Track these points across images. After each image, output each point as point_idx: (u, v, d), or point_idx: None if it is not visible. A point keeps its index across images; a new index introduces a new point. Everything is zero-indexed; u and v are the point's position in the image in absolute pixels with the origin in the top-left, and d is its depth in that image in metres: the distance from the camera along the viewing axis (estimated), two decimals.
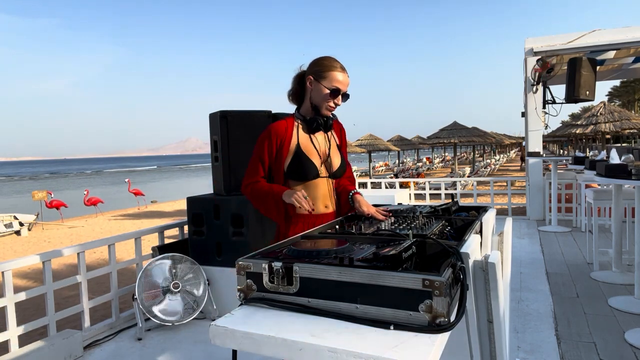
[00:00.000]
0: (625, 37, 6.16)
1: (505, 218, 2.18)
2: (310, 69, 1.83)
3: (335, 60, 1.82)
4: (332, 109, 1.85)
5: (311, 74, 1.81)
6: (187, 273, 3.36)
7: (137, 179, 48.82)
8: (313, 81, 1.80)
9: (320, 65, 1.80)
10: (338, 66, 1.80)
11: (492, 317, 1.14)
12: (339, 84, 1.80)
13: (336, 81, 1.79)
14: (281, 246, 1.27)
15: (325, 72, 1.78)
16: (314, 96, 1.82)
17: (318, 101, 1.82)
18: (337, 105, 1.85)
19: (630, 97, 53.13)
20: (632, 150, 4.31)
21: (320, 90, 1.79)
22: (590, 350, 2.70)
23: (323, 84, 1.78)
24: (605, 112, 15.77)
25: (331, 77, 1.78)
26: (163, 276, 3.27)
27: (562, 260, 4.73)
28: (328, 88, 1.78)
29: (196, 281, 3.37)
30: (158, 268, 3.28)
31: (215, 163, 3.55)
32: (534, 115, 6.85)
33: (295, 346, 0.86)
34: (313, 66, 1.82)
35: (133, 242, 3.56)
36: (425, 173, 26.19)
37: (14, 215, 13.97)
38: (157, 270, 3.27)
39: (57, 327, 2.98)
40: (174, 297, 3.25)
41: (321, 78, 1.78)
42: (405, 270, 0.95)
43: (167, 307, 3.21)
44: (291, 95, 1.90)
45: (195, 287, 3.36)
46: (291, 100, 1.92)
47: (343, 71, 1.81)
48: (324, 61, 1.80)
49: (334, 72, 1.78)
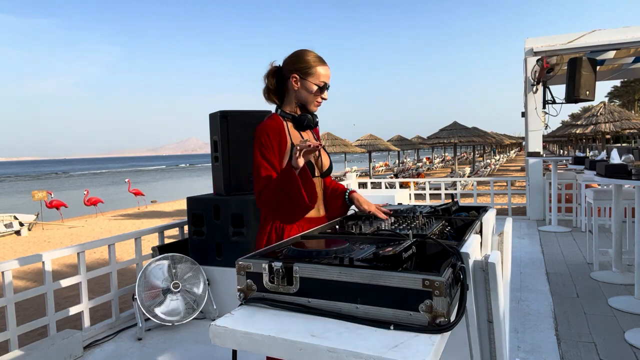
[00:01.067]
0: (625, 37, 6.16)
1: (505, 218, 2.17)
2: (292, 66, 1.76)
3: (315, 54, 1.78)
4: (320, 104, 1.83)
5: (295, 72, 1.75)
6: (187, 273, 3.36)
7: (137, 179, 48.83)
8: (299, 79, 1.75)
9: (304, 62, 1.75)
10: (321, 60, 1.77)
11: (492, 317, 1.13)
12: (325, 78, 1.77)
13: (322, 76, 1.76)
14: (281, 246, 1.27)
15: (311, 69, 1.74)
16: (301, 94, 1.77)
17: (306, 98, 1.78)
18: (324, 99, 1.82)
19: (630, 97, 53.13)
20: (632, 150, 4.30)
21: (308, 88, 1.75)
22: (590, 350, 2.70)
23: (310, 81, 1.75)
24: (605, 112, 15.77)
25: (317, 72, 1.75)
26: (163, 276, 3.27)
27: (562, 260, 4.73)
28: (316, 84, 1.76)
29: (196, 281, 3.37)
30: (158, 268, 3.28)
31: (215, 163, 3.55)
32: (534, 115, 6.85)
33: (295, 346, 0.86)
34: (295, 63, 1.76)
35: (133, 242, 3.56)
36: (425, 173, 26.19)
37: (14, 215, 13.98)
38: (157, 270, 3.27)
39: (57, 327, 2.98)
40: (174, 297, 3.26)
41: (307, 75, 1.74)
42: (405, 270, 0.95)
43: (167, 307, 3.21)
44: (269, 93, 1.82)
45: (195, 287, 3.36)
46: (269, 98, 1.84)
47: (325, 64, 1.78)
48: (306, 57, 1.76)
49: (318, 67, 1.75)
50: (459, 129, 18.54)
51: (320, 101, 1.81)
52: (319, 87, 1.76)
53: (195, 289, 3.35)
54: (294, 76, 1.75)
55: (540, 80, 6.55)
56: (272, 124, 1.74)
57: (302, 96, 1.78)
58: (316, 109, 1.82)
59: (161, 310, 3.18)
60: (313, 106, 1.81)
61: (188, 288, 3.33)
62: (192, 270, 3.38)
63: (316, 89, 1.76)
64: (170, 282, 3.25)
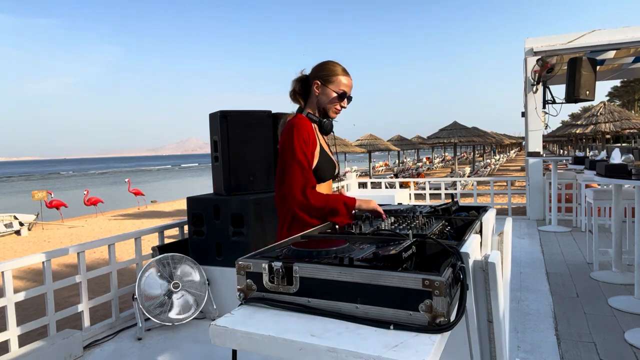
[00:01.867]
0: (625, 37, 6.16)
1: (505, 218, 2.17)
2: (316, 73, 1.89)
3: (339, 64, 1.90)
4: (339, 112, 1.93)
5: (318, 79, 1.87)
6: (187, 273, 3.36)
7: (137, 179, 48.83)
8: (320, 85, 1.87)
9: (327, 70, 1.87)
10: (343, 70, 1.89)
11: (492, 317, 1.13)
12: (346, 87, 1.89)
13: (343, 85, 1.88)
14: (281, 246, 1.27)
15: (332, 77, 1.86)
16: (321, 99, 1.88)
17: (325, 104, 1.89)
18: (343, 107, 1.93)
19: (630, 97, 53.12)
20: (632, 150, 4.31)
21: (328, 94, 1.87)
22: (590, 350, 2.70)
23: (330, 88, 1.86)
24: (605, 112, 15.77)
25: (338, 81, 1.87)
26: (163, 276, 3.27)
27: (562, 260, 4.73)
28: (335, 92, 1.87)
29: (196, 281, 3.37)
30: (158, 268, 3.28)
31: (215, 163, 3.55)
32: (534, 115, 6.85)
33: (295, 346, 0.86)
34: (319, 70, 1.88)
35: (133, 242, 3.56)
36: (425, 173, 26.19)
37: (14, 215, 13.98)
38: (157, 271, 3.27)
39: (57, 327, 2.98)
40: (174, 297, 3.26)
41: (328, 82, 1.86)
42: (405, 270, 0.95)
43: (167, 307, 3.21)
44: (295, 95, 1.93)
45: (195, 287, 3.36)
46: (295, 99, 1.94)
47: (348, 75, 1.90)
48: (330, 66, 1.88)
49: (340, 76, 1.87)
50: (459, 129, 18.54)
51: (340, 108, 1.92)
52: (338, 95, 1.88)
53: (195, 289, 3.35)
54: (316, 82, 1.87)
55: (540, 80, 6.55)
56: (305, 123, 1.82)
57: (322, 102, 1.89)
58: (335, 115, 1.94)
59: (161, 310, 3.19)
60: (332, 112, 1.92)
61: (188, 288, 3.33)
62: (192, 271, 3.38)
63: (335, 96, 1.88)
64: (170, 282, 3.26)
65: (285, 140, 1.79)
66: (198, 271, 3.40)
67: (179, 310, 3.24)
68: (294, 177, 1.74)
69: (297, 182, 1.74)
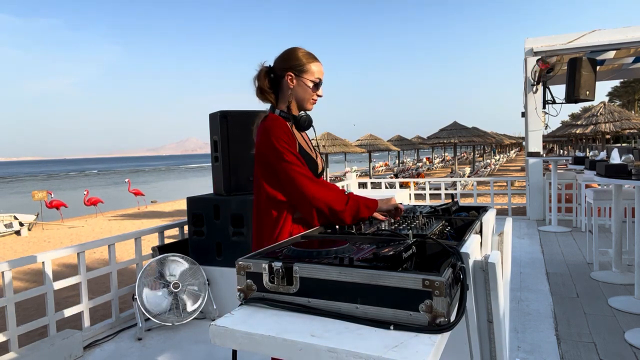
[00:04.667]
0: (625, 37, 6.16)
1: (505, 218, 2.17)
2: (286, 64, 1.74)
3: (306, 50, 1.78)
4: (315, 102, 1.81)
5: (289, 70, 1.73)
6: (187, 273, 3.36)
7: (137, 179, 48.83)
8: (295, 77, 1.73)
9: (297, 59, 1.73)
10: (313, 56, 1.77)
11: (492, 317, 1.14)
12: (320, 74, 1.77)
13: (317, 72, 1.75)
14: (281, 246, 1.27)
15: (305, 65, 1.73)
16: (297, 92, 1.75)
17: (302, 96, 1.76)
18: (319, 97, 1.81)
19: (630, 97, 53.11)
20: (632, 150, 4.30)
21: (304, 85, 1.74)
22: (590, 350, 2.70)
23: (306, 78, 1.73)
24: (605, 112, 15.76)
25: (311, 69, 1.74)
26: (163, 277, 3.27)
27: (562, 260, 4.73)
28: (312, 81, 1.74)
29: (196, 281, 3.37)
30: (158, 268, 3.28)
31: (215, 163, 3.55)
32: (534, 115, 6.85)
33: (295, 346, 0.86)
34: (289, 61, 1.74)
35: (133, 242, 3.56)
36: (425, 173, 26.19)
37: (14, 215, 13.98)
38: (157, 270, 3.27)
39: (57, 327, 2.98)
40: (174, 297, 3.25)
41: (302, 72, 1.73)
42: (405, 270, 0.95)
43: (167, 307, 3.21)
44: (263, 94, 1.78)
45: (195, 287, 3.36)
46: (264, 98, 1.79)
47: (318, 60, 1.77)
48: (299, 54, 1.74)
49: (312, 64, 1.74)
50: (459, 129, 18.54)
51: (316, 98, 1.80)
52: (315, 84, 1.76)
53: (195, 289, 3.35)
54: (289, 74, 1.73)
55: (540, 80, 6.55)
56: (280, 123, 1.69)
57: (298, 94, 1.76)
58: (312, 106, 1.81)
59: (161, 310, 3.19)
60: (309, 104, 1.79)
61: (188, 288, 3.33)
62: (192, 270, 3.38)
63: (312, 86, 1.75)
64: (171, 282, 3.25)
65: (267, 147, 1.65)
66: (198, 271, 3.40)
67: (179, 311, 3.24)
68: (294, 179, 1.63)
69: (301, 180, 1.62)
